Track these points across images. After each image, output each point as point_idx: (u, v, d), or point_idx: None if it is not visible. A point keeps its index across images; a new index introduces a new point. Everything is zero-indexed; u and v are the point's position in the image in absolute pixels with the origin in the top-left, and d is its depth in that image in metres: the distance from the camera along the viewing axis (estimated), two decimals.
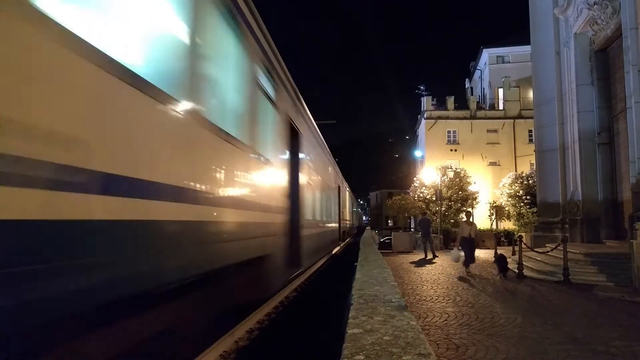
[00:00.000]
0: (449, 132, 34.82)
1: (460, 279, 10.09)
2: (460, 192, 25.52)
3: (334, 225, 16.66)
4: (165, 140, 2.92)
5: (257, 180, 5.19)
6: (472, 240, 11.48)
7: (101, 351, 2.44)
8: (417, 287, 8.91)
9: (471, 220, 12.09)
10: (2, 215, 1.60)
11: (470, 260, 11.12)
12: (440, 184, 23.84)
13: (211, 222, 3.67)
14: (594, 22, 13.68)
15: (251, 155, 4.95)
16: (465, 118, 34.76)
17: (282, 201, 6.59)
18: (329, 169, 15.21)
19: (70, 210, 1.96)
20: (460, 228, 12.12)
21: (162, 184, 2.79)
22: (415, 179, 29.88)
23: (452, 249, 12.47)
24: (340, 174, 20.91)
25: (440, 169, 25.07)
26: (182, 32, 3.24)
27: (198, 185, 3.35)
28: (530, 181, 22.67)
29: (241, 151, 4.54)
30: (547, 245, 12.56)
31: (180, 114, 3.07)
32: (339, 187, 19.07)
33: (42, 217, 1.80)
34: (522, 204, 22.72)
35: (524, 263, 10.90)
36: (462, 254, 11.39)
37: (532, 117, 19.14)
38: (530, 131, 28.54)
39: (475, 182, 27.11)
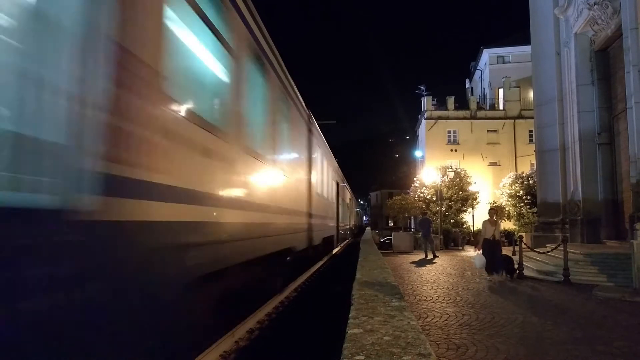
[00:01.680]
0: (449, 132, 34.82)
1: (489, 287, 8.91)
2: (460, 192, 25.52)
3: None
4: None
5: None
6: (497, 242, 10.19)
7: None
8: (418, 287, 8.91)
9: (495, 219, 10.58)
10: None
11: (494, 266, 9.90)
12: (441, 184, 23.84)
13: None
14: (595, 22, 13.69)
15: None
16: (465, 118, 34.76)
17: None
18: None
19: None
20: (483, 228, 10.65)
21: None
22: (415, 179, 29.87)
23: (475, 254, 10.97)
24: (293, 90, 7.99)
25: (440, 169, 25.07)
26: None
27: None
28: (530, 181, 22.67)
29: None
30: (547, 245, 12.56)
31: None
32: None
33: None
34: (522, 204, 22.71)
35: (524, 263, 10.90)
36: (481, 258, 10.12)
37: (532, 117, 19.15)
38: (530, 131, 28.54)
39: (475, 182, 27.08)
